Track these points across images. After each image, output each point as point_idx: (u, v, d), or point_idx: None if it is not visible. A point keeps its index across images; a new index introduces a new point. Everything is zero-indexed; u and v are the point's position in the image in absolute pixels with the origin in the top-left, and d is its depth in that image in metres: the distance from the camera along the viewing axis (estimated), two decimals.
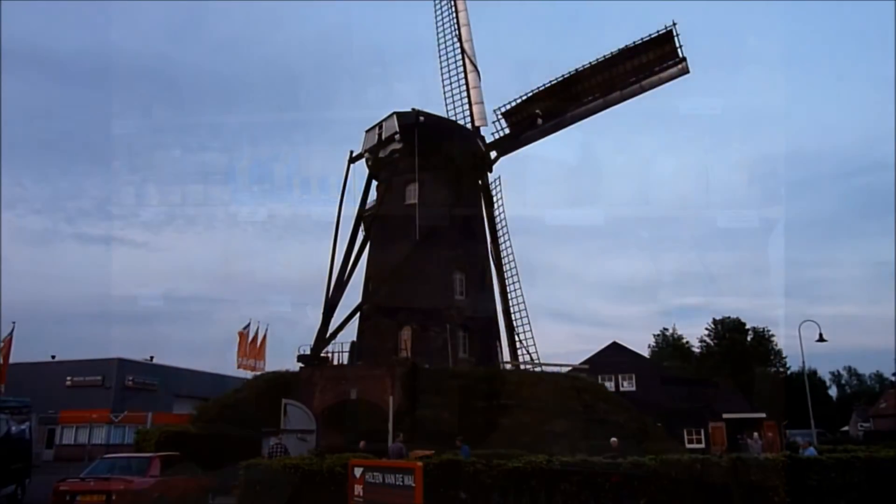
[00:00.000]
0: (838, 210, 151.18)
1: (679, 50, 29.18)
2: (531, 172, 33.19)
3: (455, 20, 34.01)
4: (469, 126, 32.86)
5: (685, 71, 29.60)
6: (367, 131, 32.71)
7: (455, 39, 33.74)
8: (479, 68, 33.41)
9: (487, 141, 33.12)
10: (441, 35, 34.56)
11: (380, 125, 31.81)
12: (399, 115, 30.98)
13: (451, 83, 33.38)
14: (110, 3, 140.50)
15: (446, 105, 33.46)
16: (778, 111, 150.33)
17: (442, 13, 35.12)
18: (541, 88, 31.15)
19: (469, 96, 32.99)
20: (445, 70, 33.83)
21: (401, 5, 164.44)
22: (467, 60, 33.18)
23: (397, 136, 30.49)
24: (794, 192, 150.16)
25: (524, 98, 31.67)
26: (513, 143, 32.86)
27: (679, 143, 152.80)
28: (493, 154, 33.12)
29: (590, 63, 30.15)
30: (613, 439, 19.83)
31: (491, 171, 33.56)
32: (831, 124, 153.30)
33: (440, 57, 34.22)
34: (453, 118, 32.96)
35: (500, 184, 33.25)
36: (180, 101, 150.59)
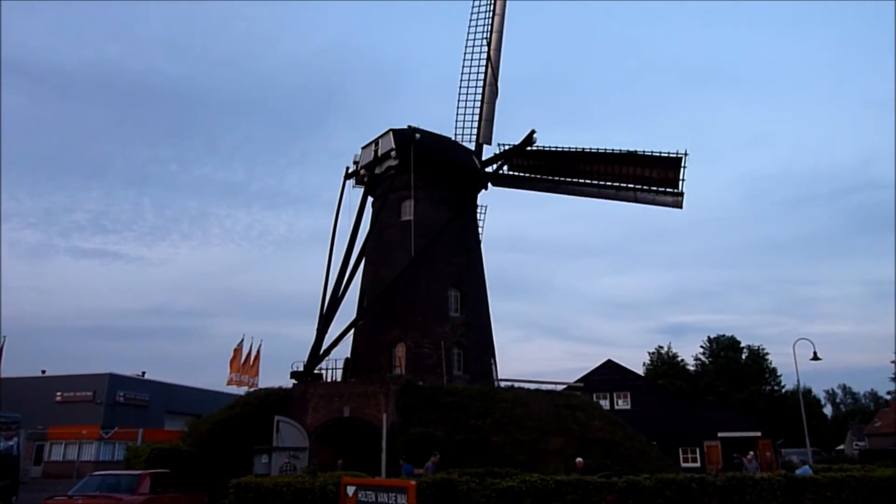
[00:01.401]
0: (832, 228, 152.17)
1: (681, 182, 28.93)
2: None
3: (489, 24, 33.49)
4: (473, 139, 33.00)
5: (678, 205, 29.44)
6: (364, 148, 32.78)
7: (484, 45, 33.15)
8: (499, 85, 33.15)
9: (483, 157, 33.21)
10: (471, 37, 33.62)
11: (376, 142, 31.89)
12: (395, 132, 31.08)
13: (467, 91, 33.13)
14: (109, 19, 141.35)
15: (457, 113, 33.06)
16: (771, 129, 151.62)
17: (477, 15, 34.03)
18: (546, 148, 31.00)
19: (482, 110, 32.84)
20: (465, 77, 33.34)
21: (399, 24, 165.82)
22: (490, 72, 32.88)
23: (393, 153, 30.54)
24: (787, 210, 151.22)
25: (528, 148, 31.47)
26: (506, 182, 33.37)
27: None
28: (489, 169, 33.16)
29: (598, 149, 29.94)
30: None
31: (487, 189, 33.63)
32: (824, 143, 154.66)
33: (464, 61, 33.46)
34: (459, 128, 33.04)
35: (485, 211, 34.11)
36: (177, 116, 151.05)
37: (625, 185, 30.50)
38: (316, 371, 27.72)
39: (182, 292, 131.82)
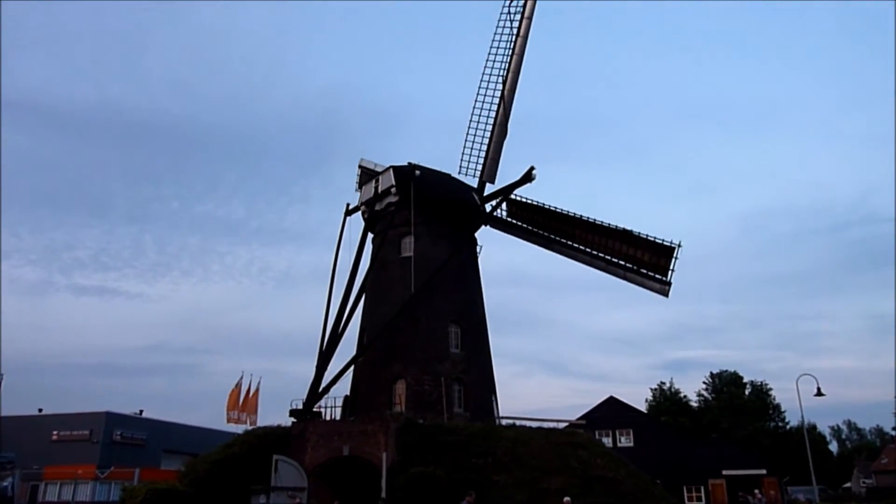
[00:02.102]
0: (831, 262, 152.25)
1: (671, 273, 28.94)
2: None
3: (507, 64, 33.13)
4: (476, 175, 33.09)
5: (664, 293, 29.50)
6: (364, 184, 33.00)
7: (499, 84, 32.91)
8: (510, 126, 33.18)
9: (485, 193, 33.43)
10: (486, 75, 33.43)
11: (376, 179, 32.13)
12: (395, 169, 31.34)
13: (476, 128, 33.09)
14: (112, 57, 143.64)
15: (463, 149, 33.28)
16: (769, 164, 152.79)
17: (496, 53, 33.85)
18: (546, 206, 31.81)
19: (489, 149, 32.80)
20: (476, 114, 33.29)
21: (400, 62, 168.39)
22: (502, 112, 32.72)
23: (393, 190, 30.75)
24: (787, 244, 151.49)
25: (525, 200, 32.55)
26: (503, 227, 33.69)
27: (670, 194, 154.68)
28: (489, 206, 33.39)
29: (595, 220, 30.53)
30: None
31: (486, 224, 33.76)
32: (822, 178, 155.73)
33: (477, 98, 33.35)
34: (465, 163, 33.17)
35: (480, 251, 33.87)
36: (179, 153, 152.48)
37: (616, 260, 30.52)
38: (315, 409, 27.50)
39: (182, 329, 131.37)
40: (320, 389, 27.54)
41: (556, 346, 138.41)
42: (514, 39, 33.20)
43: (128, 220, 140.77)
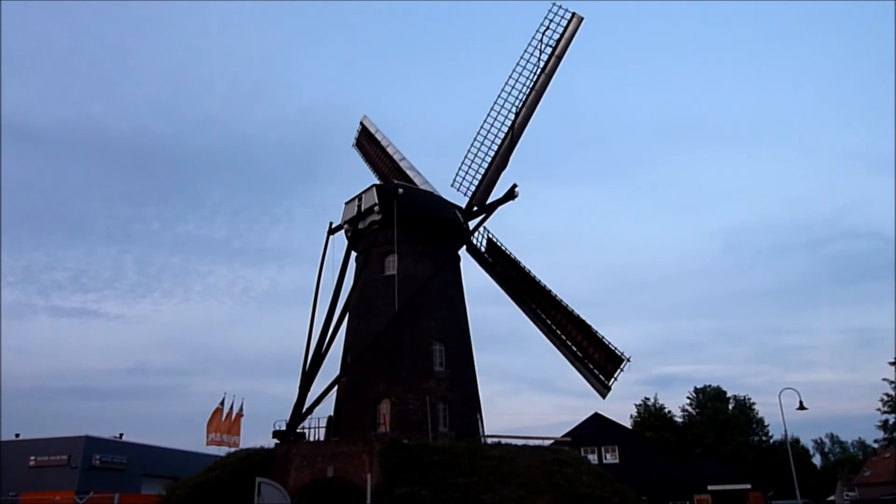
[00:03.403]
0: (811, 277, 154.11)
1: (613, 380, 29.21)
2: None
3: (525, 97, 31.80)
4: (468, 195, 33.01)
5: (602, 395, 29.77)
6: (347, 203, 33.00)
7: (512, 113, 31.83)
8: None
9: (467, 208, 33.51)
10: (503, 98, 32.12)
11: (359, 197, 32.14)
12: (378, 187, 31.37)
13: (479, 147, 32.46)
14: (93, 77, 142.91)
15: (462, 162, 32.79)
16: (748, 182, 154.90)
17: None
18: (517, 261, 32.60)
19: (485, 176, 32.38)
20: (483, 136, 32.47)
21: (383, 82, 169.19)
22: (508, 142, 31.92)
23: (376, 208, 30.75)
24: (767, 260, 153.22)
25: (501, 246, 33.11)
26: (480, 259, 33.85)
27: (653, 210, 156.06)
28: (475, 222, 33.48)
29: (560, 300, 31.09)
30: None
31: (469, 243, 33.82)
32: (801, 195, 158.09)
33: (489, 115, 32.29)
34: (459, 178, 32.96)
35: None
36: (161, 173, 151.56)
37: (570, 344, 30.77)
38: (299, 430, 27.20)
39: (162, 351, 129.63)
40: (304, 410, 27.27)
41: (541, 363, 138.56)
42: (537, 74, 31.78)
43: (108, 240, 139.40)
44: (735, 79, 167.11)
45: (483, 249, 33.74)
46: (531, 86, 31.88)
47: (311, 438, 27.64)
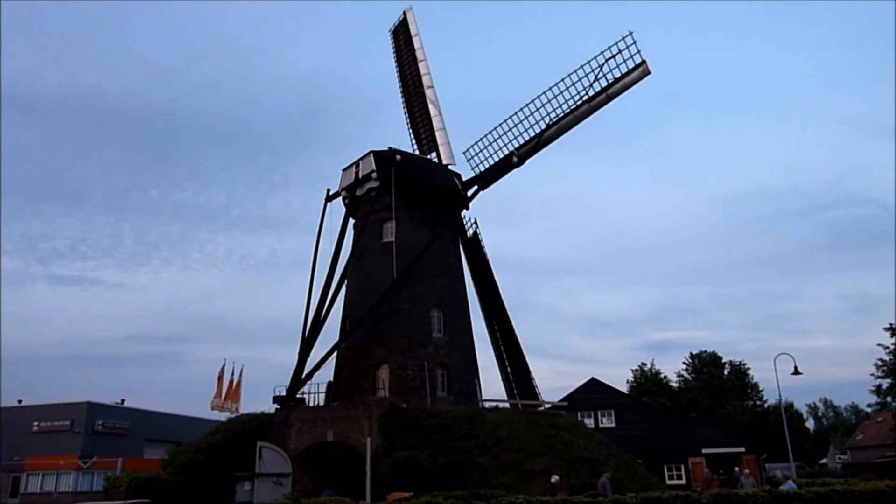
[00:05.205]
0: (809, 244, 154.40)
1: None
2: (509, 212, 33.23)
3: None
4: (475, 172, 33.49)
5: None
6: (344, 170, 32.81)
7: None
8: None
9: (465, 178, 33.44)
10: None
11: (356, 164, 31.93)
12: (375, 153, 31.15)
13: (506, 133, 32.30)
14: (88, 45, 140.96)
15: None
16: (747, 148, 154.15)
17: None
18: (489, 265, 32.87)
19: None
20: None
21: (374, 49, 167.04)
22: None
23: (374, 175, 30.59)
24: (765, 226, 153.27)
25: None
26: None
27: (652, 178, 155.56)
28: (473, 190, 33.29)
29: (513, 326, 31.63)
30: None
31: (468, 209, 33.81)
32: (800, 161, 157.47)
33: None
34: (473, 150, 33.50)
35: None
36: (158, 141, 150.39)
37: (506, 362, 31.24)
38: (299, 395, 27.46)
39: (162, 318, 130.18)
40: (303, 376, 27.51)
41: (538, 330, 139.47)
42: (582, 99, 30.84)
43: (106, 209, 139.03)
44: (731, 44, 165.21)
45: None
46: (572, 108, 31.14)
47: (311, 404, 27.93)
